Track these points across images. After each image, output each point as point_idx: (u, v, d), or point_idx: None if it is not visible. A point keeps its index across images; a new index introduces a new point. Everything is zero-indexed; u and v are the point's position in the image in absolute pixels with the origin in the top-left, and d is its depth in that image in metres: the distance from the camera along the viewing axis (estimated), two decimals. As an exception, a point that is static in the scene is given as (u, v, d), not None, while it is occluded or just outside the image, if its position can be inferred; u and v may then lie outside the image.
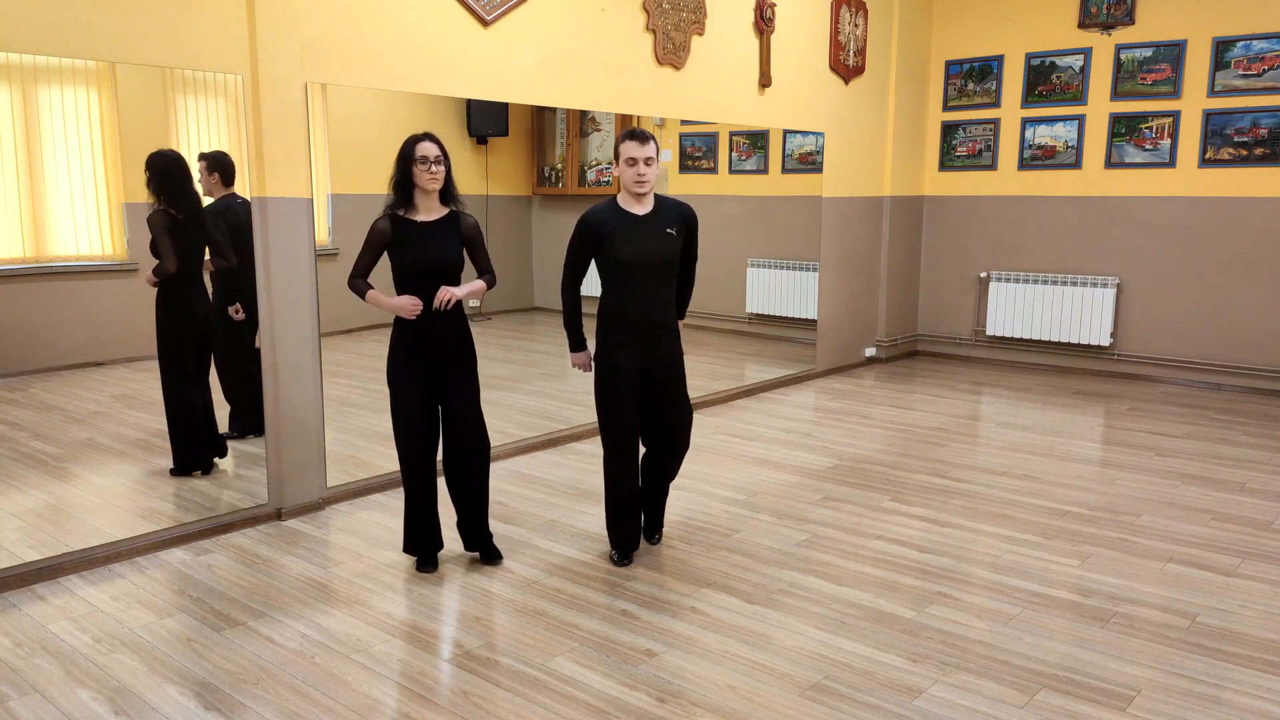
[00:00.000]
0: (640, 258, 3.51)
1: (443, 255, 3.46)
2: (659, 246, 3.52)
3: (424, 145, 3.40)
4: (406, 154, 3.42)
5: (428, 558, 3.67)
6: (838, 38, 7.00)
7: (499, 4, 4.75)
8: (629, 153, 3.45)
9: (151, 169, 4.21)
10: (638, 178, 3.46)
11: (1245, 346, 6.77)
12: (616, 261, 3.51)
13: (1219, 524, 4.18)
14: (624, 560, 3.72)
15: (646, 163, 3.45)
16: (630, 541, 3.74)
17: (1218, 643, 3.10)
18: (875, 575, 3.62)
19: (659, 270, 3.55)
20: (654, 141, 3.49)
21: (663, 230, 3.53)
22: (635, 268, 3.52)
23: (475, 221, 3.57)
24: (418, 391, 3.50)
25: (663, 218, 3.55)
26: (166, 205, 4.17)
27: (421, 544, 3.67)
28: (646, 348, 3.56)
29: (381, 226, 3.43)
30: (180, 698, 2.74)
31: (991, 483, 4.75)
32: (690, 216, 3.63)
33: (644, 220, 3.52)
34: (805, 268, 7.37)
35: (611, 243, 3.49)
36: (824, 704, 2.72)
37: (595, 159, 7.22)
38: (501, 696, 2.75)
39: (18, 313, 4.47)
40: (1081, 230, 7.33)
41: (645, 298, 3.55)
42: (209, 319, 4.44)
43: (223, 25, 3.81)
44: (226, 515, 4.07)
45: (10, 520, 3.93)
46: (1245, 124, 6.57)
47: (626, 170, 3.47)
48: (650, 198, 3.56)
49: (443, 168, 3.43)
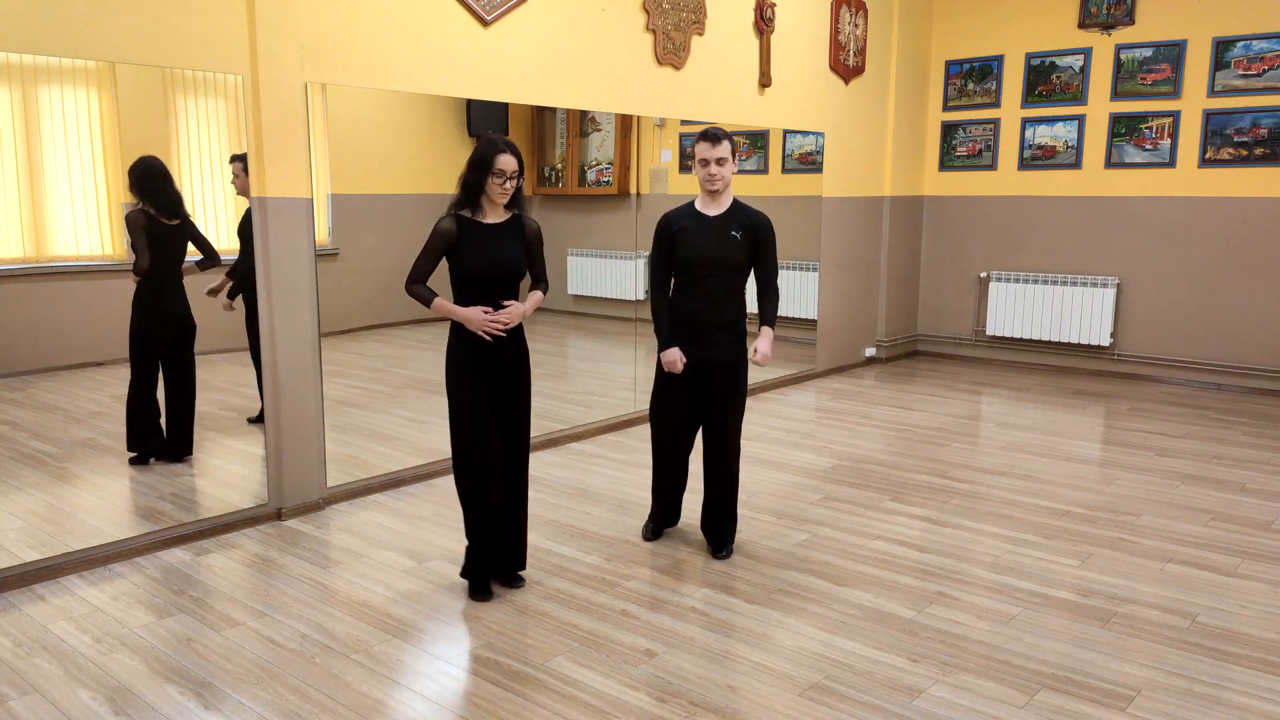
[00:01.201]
0: (701, 256, 3.62)
1: (507, 260, 3.28)
2: (720, 247, 3.62)
3: (504, 159, 3.18)
4: (484, 163, 3.19)
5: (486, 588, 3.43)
6: (838, 38, 7.00)
7: (499, 4, 4.75)
8: (701, 153, 3.58)
9: (131, 175, 4.27)
10: (709, 177, 3.59)
11: (1245, 346, 6.77)
12: (679, 258, 3.65)
13: (1219, 524, 4.18)
14: (654, 534, 3.96)
15: (719, 163, 3.57)
16: (664, 518, 3.98)
17: (1218, 643, 3.10)
18: (875, 575, 3.62)
19: (719, 270, 3.64)
20: (727, 141, 3.58)
21: (728, 232, 3.62)
22: (696, 266, 3.64)
23: (538, 226, 3.42)
24: (482, 407, 3.28)
25: (732, 220, 3.65)
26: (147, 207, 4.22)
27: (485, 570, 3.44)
28: (701, 345, 3.67)
29: (447, 227, 3.22)
30: (180, 698, 2.74)
31: (991, 483, 4.75)
32: (762, 223, 3.69)
33: (713, 221, 3.65)
34: (805, 268, 7.37)
35: (679, 240, 3.64)
36: (824, 704, 2.72)
37: (595, 159, 7.21)
38: (501, 696, 2.75)
39: (18, 313, 4.47)
40: (1081, 230, 7.33)
41: (704, 296, 3.65)
42: (185, 317, 4.46)
43: (223, 25, 3.81)
44: (226, 515, 4.07)
45: (10, 520, 3.93)
46: (1245, 124, 6.57)
47: (699, 170, 3.61)
48: (726, 199, 3.68)
49: (515, 182, 3.23)
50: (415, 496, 4.49)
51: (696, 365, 3.68)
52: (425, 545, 3.89)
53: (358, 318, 6.91)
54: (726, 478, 3.81)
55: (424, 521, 4.16)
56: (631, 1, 5.48)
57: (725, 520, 3.84)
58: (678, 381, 3.70)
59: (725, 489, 3.82)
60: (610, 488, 4.62)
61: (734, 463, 3.81)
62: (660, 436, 3.84)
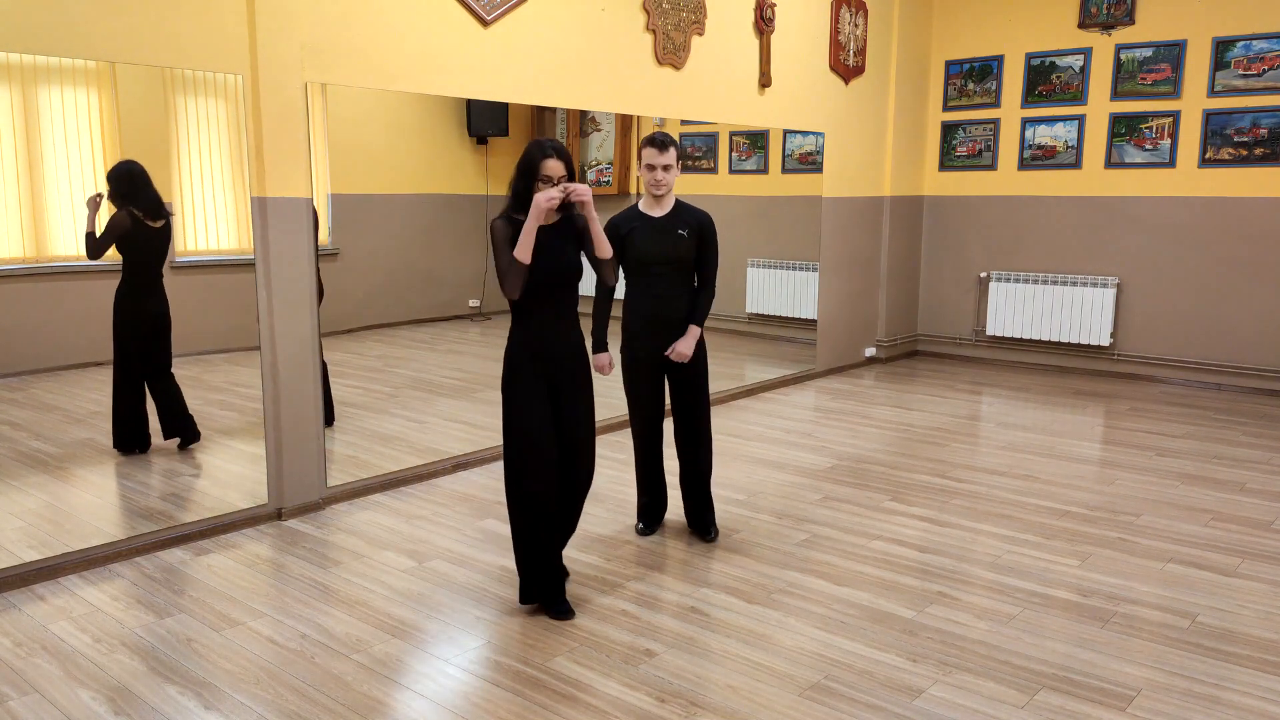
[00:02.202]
0: (653, 256, 3.75)
1: (565, 263, 3.18)
2: (672, 246, 3.75)
3: (549, 164, 3.09)
4: (531, 168, 3.11)
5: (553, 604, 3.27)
6: (838, 38, 7.00)
7: (499, 4, 4.75)
8: (648, 159, 3.69)
9: (111, 180, 4.33)
10: (655, 181, 3.71)
11: (1245, 346, 6.77)
12: (632, 259, 3.77)
13: (1219, 524, 4.18)
14: (646, 530, 4.04)
15: (665, 169, 3.68)
16: (651, 513, 4.06)
17: (1218, 643, 3.10)
18: (875, 575, 3.62)
19: (671, 268, 3.78)
20: (674, 148, 3.70)
21: (675, 231, 3.76)
22: (649, 266, 3.77)
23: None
24: (539, 411, 3.18)
25: (678, 220, 3.78)
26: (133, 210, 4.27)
27: (545, 590, 3.28)
28: (662, 340, 3.80)
29: (500, 224, 3.13)
30: (180, 698, 2.74)
31: (991, 483, 4.75)
32: (705, 222, 3.82)
33: (660, 222, 3.78)
34: (805, 268, 7.37)
35: (630, 242, 3.75)
36: (824, 704, 2.72)
37: (595, 159, 7.22)
38: (501, 696, 2.76)
39: (18, 313, 4.48)
40: (1081, 230, 7.33)
41: (659, 294, 3.79)
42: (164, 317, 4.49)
43: (223, 25, 3.81)
44: (226, 515, 4.07)
45: (10, 520, 3.93)
46: (1245, 124, 6.57)
47: (646, 174, 3.72)
48: (669, 201, 3.80)
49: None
50: (415, 496, 4.49)
51: (662, 360, 3.84)
52: (425, 545, 3.89)
53: (358, 318, 6.92)
54: (701, 462, 3.95)
55: (424, 521, 4.16)
56: (631, 1, 5.48)
57: (705, 505, 4.00)
58: (646, 377, 3.87)
59: (701, 472, 3.96)
60: (610, 488, 4.62)
61: (707, 450, 3.97)
62: (641, 431, 3.95)
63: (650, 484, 4.05)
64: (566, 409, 3.25)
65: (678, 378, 3.89)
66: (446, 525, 4.12)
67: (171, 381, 4.55)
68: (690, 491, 4.01)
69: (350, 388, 5.86)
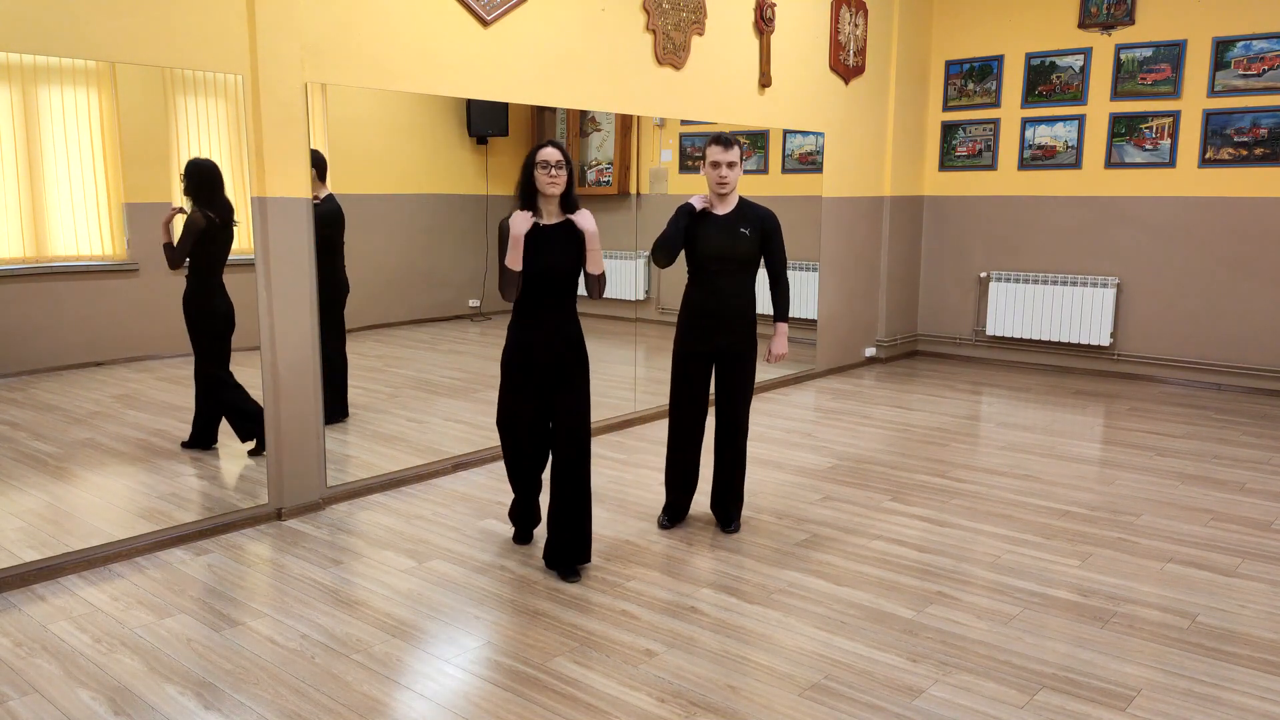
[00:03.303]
0: (714, 253, 3.85)
1: (556, 263, 3.45)
2: (733, 244, 3.84)
3: (546, 150, 3.42)
4: (530, 159, 3.45)
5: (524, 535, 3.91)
6: (838, 38, 7.00)
7: (499, 4, 4.75)
8: (713, 156, 3.79)
9: (189, 176, 4.40)
10: (720, 179, 3.80)
11: (1245, 346, 6.77)
12: (696, 256, 3.88)
13: (1219, 524, 4.18)
14: (668, 525, 4.11)
15: (730, 165, 3.78)
16: (677, 510, 4.14)
17: (1218, 643, 3.10)
18: (875, 575, 3.62)
19: (731, 266, 3.87)
20: (738, 146, 3.82)
21: (738, 230, 3.85)
22: (709, 262, 3.87)
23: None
24: (525, 390, 3.58)
25: (741, 219, 3.86)
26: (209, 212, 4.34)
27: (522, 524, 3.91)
28: (714, 335, 3.91)
29: (507, 223, 3.43)
30: (180, 698, 2.74)
31: (991, 483, 4.75)
32: (769, 220, 3.92)
33: (723, 220, 3.86)
34: (805, 268, 7.37)
35: (694, 238, 3.85)
36: (824, 704, 2.72)
37: (595, 159, 7.21)
38: (501, 696, 2.75)
39: (18, 313, 4.47)
40: (1081, 230, 7.33)
41: (719, 291, 3.88)
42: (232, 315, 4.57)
43: (223, 25, 3.81)
44: (226, 515, 4.07)
45: (10, 520, 3.93)
46: (1245, 124, 6.57)
47: (711, 172, 3.82)
48: (733, 199, 3.90)
49: (564, 173, 3.42)
50: (415, 496, 4.49)
51: (711, 353, 3.92)
52: (425, 545, 3.89)
53: (358, 318, 6.90)
54: (737, 456, 4.03)
55: (424, 521, 4.16)
56: (631, 1, 5.48)
57: (734, 498, 4.09)
58: (694, 371, 3.96)
59: (735, 467, 4.04)
60: (610, 488, 4.63)
61: (743, 443, 4.04)
62: (679, 424, 4.03)
63: (684, 481, 4.11)
64: (559, 398, 3.55)
65: (727, 371, 3.96)
66: (446, 525, 4.12)
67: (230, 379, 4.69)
68: (723, 484, 4.09)
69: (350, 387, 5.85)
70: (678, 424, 4.05)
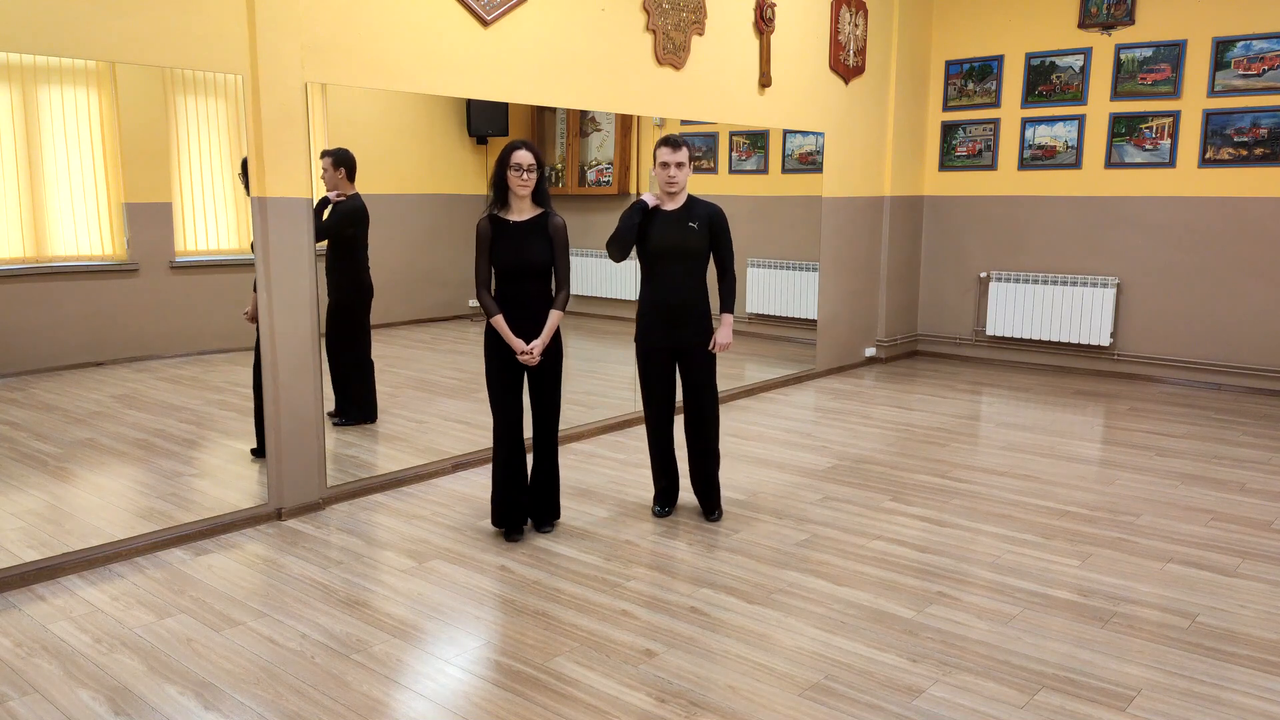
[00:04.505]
0: (665, 248, 3.98)
1: (530, 257, 3.75)
2: (683, 238, 3.98)
3: (519, 154, 3.68)
4: (503, 159, 3.70)
5: (514, 528, 3.97)
6: (838, 38, 7.00)
7: (499, 4, 4.75)
8: (662, 157, 3.94)
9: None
10: (669, 179, 3.94)
11: (1245, 346, 6.77)
12: (647, 251, 4.01)
13: (1219, 524, 4.18)
14: (662, 511, 4.24)
15: (678, 166, 3.93)
16: (667, 496, 4.27)
17: (1218, 643, 3.10)
18: (875, 575, 3.62)
19: (683, 260, 3.99)
20: (686, 148, 3.97)
21: (687, 224, 3.98)
22: (661, 257, 4.00)
23: (562, 222, 3.85)
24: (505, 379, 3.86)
25: (689, 214, 4.00)
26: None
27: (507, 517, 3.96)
28: (674, 329, 4.03)
29: (483, 226, 3.75)
30: (180, 698, 2.74)
31: (991, 483, 4.75)
32: (716, 215, 4.04)
33: (672, 215, 4.00)
34: (805, 268, 7.37)
35: (646, 233, 3.99)
36: (824, 704, 2.72)
37: (595, 159, 7.21)
38: (501, 696, 2.76)
39: (18, 313, 4.48)
40: (1081, 230, 7.33)
41: (672, 285, 4.01)
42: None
43: (223, 25, 3.81)
44: (226, 515, 4.07)
45: (10, 520, 3.93)
46: (1245, 124, 6.57)
47: (660, 172, 3.95)
48: (682, 197, 4.03)
49: (534, 175, 3.70)
50: (415, 496, 4.49)
51: (673, 348, 4.06)
52: (425, 545, 3.89)
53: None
54: (709, 446, 4.16)
55: (424, 521, 4.16)
56: (631, 1, 5.48)
57: (711, 487, 4.22)
58: (658, 365, 4.09)
59: (708, 456, 4.18)
60: (610, 488, 4.63)
61: (713, 432, 4.16)
62: (655, 416, 4.17)
63: (665, 468, 4.25)
64: (532, 377, 3.89)
65: (689, 366, 4.08)
66: (446, 525, 4.12)
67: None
68: (698, 474, 4.21)
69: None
70: (650, 417, 4.20)
